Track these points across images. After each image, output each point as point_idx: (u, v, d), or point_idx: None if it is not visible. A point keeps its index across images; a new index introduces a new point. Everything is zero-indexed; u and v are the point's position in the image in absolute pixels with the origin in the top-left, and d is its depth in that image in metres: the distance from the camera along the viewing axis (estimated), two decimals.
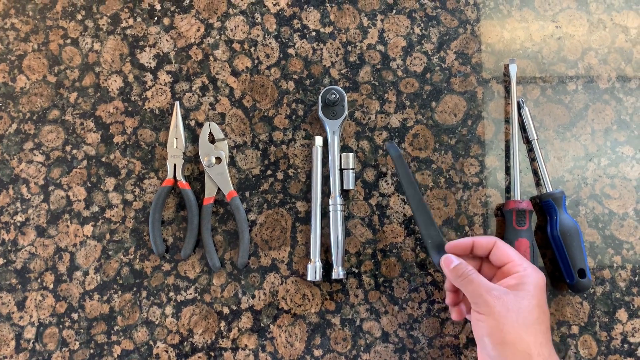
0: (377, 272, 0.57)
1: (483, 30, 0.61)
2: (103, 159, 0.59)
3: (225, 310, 0.57)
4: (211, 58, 0.61)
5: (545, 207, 0.57)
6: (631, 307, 0.56)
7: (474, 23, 0.61)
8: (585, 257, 0.54)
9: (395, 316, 0.56)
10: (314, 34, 0.61)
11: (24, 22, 0.62)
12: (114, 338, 0.56)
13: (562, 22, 0.62)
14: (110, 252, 0.58)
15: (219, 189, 0.58)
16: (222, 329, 0.56)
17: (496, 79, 0.60)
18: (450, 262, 0.48)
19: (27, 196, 0.59)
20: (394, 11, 0.62)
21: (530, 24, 0.62)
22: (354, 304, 0.56)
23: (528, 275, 0.46)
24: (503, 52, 0.61)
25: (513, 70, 0.60)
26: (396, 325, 0.56)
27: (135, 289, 0.57)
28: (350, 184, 0.57)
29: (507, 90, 0.60)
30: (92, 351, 0.56)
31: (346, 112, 0.58)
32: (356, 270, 0.57)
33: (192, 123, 0.60)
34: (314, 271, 0.56)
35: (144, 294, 0.57)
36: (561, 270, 0.56)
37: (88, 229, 0.58)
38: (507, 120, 0.60)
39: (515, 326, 0.43)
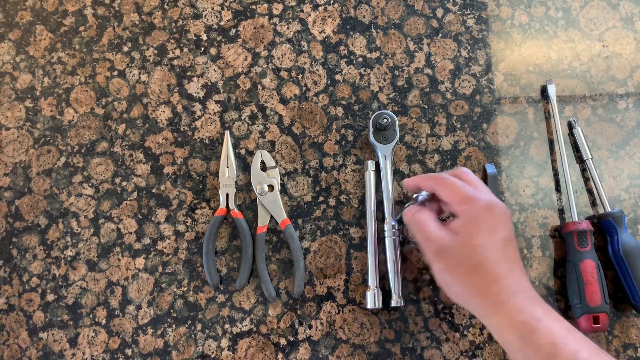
0: (436, 299, 0.56)
1: (530, 51, 0.61)
2: (153, 190, 0.59)
3: (282, 341, 0.55)
4: (259, 87, 0.61)
5: (604, 227, 0.56)
6: None
7: (520, 44, 0.61)
8: None
9: (456, 343, 0.55)
10: (360, 59, 0.61)
11: (70, 55, 0.62)
12: None
13: (609, 41, 0.62)
14: (163, 285, 0.57)
15: (271, 217, 0.57)
16: None
17: (546, 99, 0.60)
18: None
19: (77, 230, 0.58)
20: (440, 35, 0.62)
21: (577, 44, 0.62)
22: (413, 332, 0.55)
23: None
24: (551, 72, 0.61)
25: (552, 91, 0.59)
26: (458, 352, 0.55)
27: (189, 322, 0.56)
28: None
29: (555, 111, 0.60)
30: None
31: (397, 136, 0.57)
32: (414, 297, 0.56)
33: (243, 152, 0.59)
34: (373, 298, 0.55)
35: (199, 327, 0.56)
36: (625, 291, 0.55)
37: (140, 261, 0.57)
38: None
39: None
